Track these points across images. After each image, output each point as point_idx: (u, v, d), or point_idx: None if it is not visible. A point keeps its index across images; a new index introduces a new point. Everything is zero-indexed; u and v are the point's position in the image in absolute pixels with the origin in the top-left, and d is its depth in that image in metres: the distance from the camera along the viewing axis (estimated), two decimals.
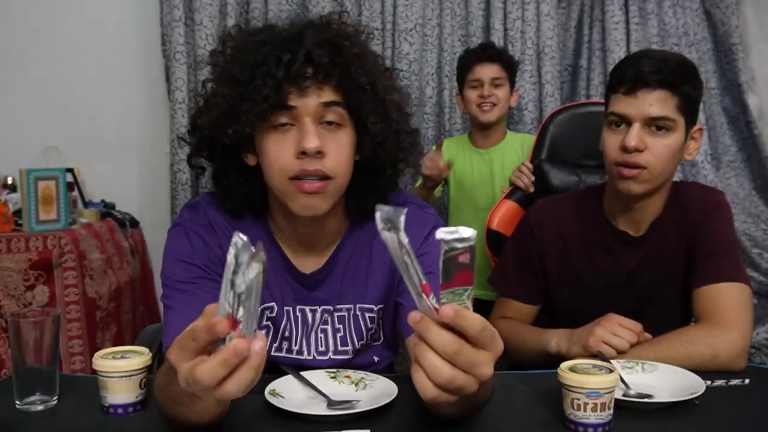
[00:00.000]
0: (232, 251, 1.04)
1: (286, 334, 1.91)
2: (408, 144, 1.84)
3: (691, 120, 2.14)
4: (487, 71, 3.62)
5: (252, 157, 1.80)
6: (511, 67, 3.69)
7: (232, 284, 1.05)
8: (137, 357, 1.63)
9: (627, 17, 3.81)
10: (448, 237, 1.04)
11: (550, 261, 2.38)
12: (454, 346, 1.09)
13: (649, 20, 3.83)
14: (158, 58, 4.08)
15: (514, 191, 3.06)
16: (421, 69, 4.05)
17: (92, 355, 1.67)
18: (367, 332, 1.94)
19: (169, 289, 1.79)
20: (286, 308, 1.90)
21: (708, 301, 2.06)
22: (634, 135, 2.09)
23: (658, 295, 2.28)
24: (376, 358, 1.98)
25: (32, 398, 1.66)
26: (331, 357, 1.91)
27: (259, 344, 1.09)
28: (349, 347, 1.93)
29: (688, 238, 2.21)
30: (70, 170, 3.62)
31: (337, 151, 1.70)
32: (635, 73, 2.10)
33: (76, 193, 3.66)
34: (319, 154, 1.67)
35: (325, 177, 1.69)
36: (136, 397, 1.63)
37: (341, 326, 1.93)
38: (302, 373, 1.77)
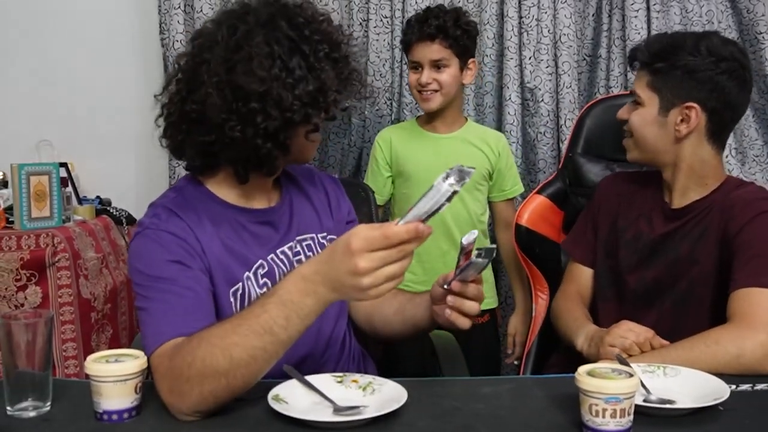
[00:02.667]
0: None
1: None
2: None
3: (668, 96, 2.28)
4: (425, 52, 3.11)
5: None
6: (457, 40, 3.12)
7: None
8: (132, 360, 1.58)
9: (648, 4, 3.71)
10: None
11: (602, 220, 2.53)
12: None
13: (671, 8, 3.72)
14: (156, 48, 3.97)
15: (547, 186, 2.97)
16: None
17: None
18: None
19: (149, 289, 1.80)
20: (269, 258, 2.01)
21: (741, 304, 2.03)
22: (624, 108, 2.40)
23: (682, 274, 2.29)
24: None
25: (24, 404, 1.62)
26: None
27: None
28: None
29: (725, 232, 2.20)
30: (64, 165, 3.57)
31: None
32: (633, 49, 2.41)
33: (70, 189, 3.59)
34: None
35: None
36: (132, 403, 1.58)
37: (311, 254, 2.07)
38: (307, 377, 1.73)
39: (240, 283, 1.93)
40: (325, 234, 2.14)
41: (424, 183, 2.99)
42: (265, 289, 1.93)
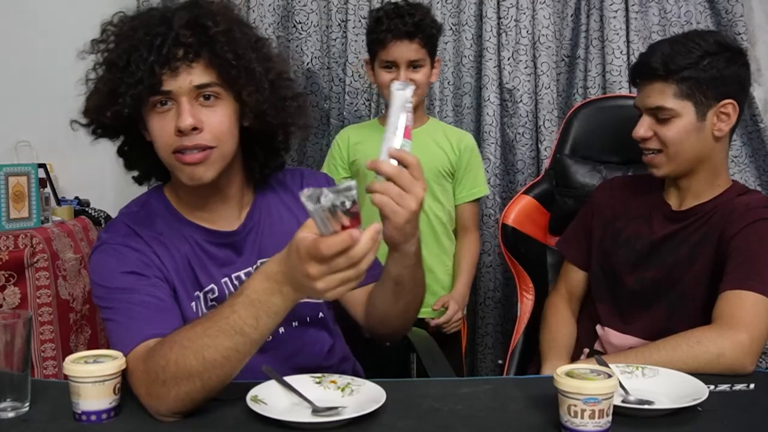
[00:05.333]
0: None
1: None
2: (293, 108, 1.96)
3: (702, 100, 2.22)
4: (405, 52, 3.02)
5: (148, 134, 1.87)
6: (431, 39, 3.10)
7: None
8: (111, 361, 1.58)
9: (626, 5, 3.72)
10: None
11: (597, 221, 2.54)
12: (394, 169, 1.65)
13: (650, 8, 3.73)
14: None
15: (534, 186, 2.95)
16: None
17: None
18: None
19: (111, 301, 1.81)
20: (223, 281, 1.96)
21: (725, 305, 2.04)
22: (642, 125, 2.28)
23: (680, 276, 2.29)
24: (321, 314, 2.08)
25: (2, 405, 1.61)
26: None
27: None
28: None
29: (722, 236, 2.21)
30: (43, 166, 3.56)
31: (214, 124, 1.81)
32: (638, 65, 2.33)
33: (48, 189, 3.58)
34: (195, 130, 1.77)
35: (206, 148, 1.80)
36: (110, 404, 1.58)
37: None
38: (286, 377, 1.72)
39: (193, 302, 1.91)
40: None
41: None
42: None
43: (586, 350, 2.37)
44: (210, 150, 1.81)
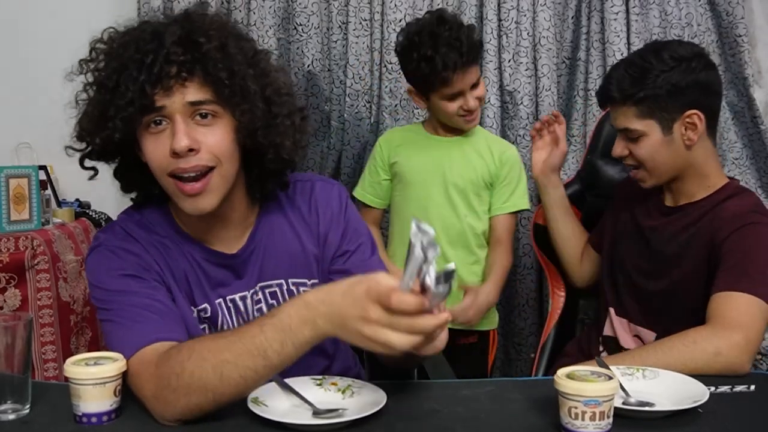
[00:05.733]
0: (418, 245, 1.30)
1: (225, 328, 1.90)
2: (284, 127, 1.84)
3: (665, 116, 2.29)
4: (468, 79, 2.86)
5: (143, 154, 1.80)
6: (480, 55, 3.13)
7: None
8: (111, 363, 1.58)
9: (627, 7, 3.71)
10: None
11: (614, 212, 2.65)
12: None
13: (651, 10, 3.73)
14: None
15: (566, 187, 2.97)
16: None
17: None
18: None
19: (110, 303, 1.79)
20: (217, 302, 1.90)
21: (719, 306, 2.06)
22: (617, 144, 2.41)
23: (666, 271, 2.34)
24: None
25: (3, 407, 1.61)
26: None
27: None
28: None
29: (714, 237, 2.23)
30: (43, 168, 3.56)
31: (212, 143, 1.73)
32: (603, 91, 2.41)
33: (49, 191, 3.58)
34: (192, 151, 1.70)
35: (205, 169, 1.73)
36: (111, 406, 1.58)
37: (274, 302, 1.94)
38: (286, 379, 1.72)
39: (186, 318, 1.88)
40: (305, 281, 1.98)
41: (416, 186, 3.03)
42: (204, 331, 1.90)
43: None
44: (209, 173, 1.74)
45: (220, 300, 1.91)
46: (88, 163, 1.91)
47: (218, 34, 1.75)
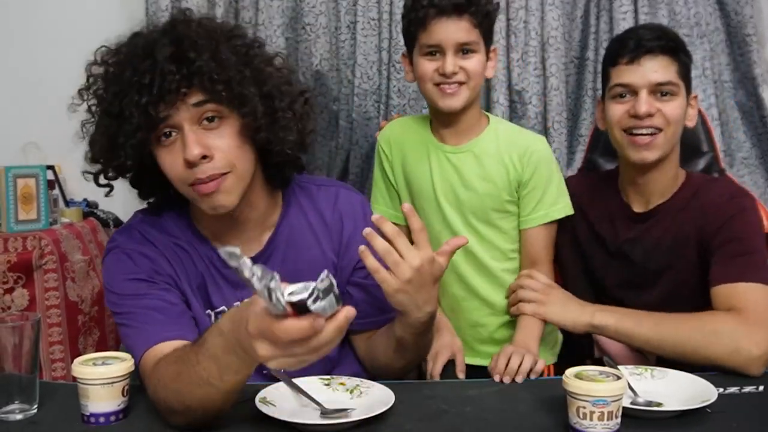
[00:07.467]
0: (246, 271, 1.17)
1: None
2: (288, 119, 1.84)
3: (688, 87, 2.24)
4: (450, 31, 2.23)
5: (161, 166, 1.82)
6: (487, 18, 2.30)
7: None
8: (119, 363, 1.58)
9: (636, 7, 3.71)
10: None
11: (559, 230, 2.41)
12: (395, 232, 1.63)
13: (659, 10, 3.72)
14: None
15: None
16: None
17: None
18: None
19: (122, 306, 1.82)
20: (235, 304, 1.86)
21: (734, 299, 2.01)
22: (644, 101, 2.15)
23: (656, 280, 2.28)
24: None
25: (11, 407, 1.62)
26: None
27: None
28: None
29: (702, 233, 2.18)
30: (51, 167, 3.55)
31: (224, 148, 1.74)
32: (636, 42, 2.18)
33: (57, 191, 3.57)
34: (205, 158, 1.71)
35: (220, 176, 1.74)
36: (118, 405, 1.59)
37: None
38: (295, 379, 1.72)
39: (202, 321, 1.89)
40: None
41: (424, 210, 2.41)
42: None
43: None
44: (225, 175, 1.75)
45: (238, 303, 1.86)
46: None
47: (208, 43, 1.74)
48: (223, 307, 1.90)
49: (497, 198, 2.34)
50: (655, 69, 2.16)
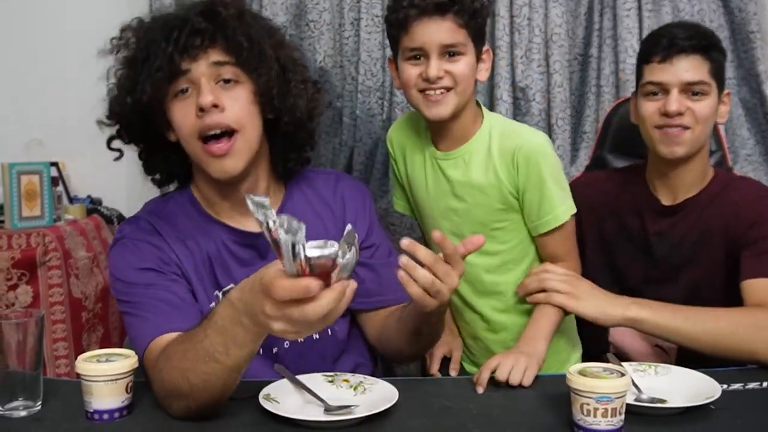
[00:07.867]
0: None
1: None
2: (298, 91, 1.97)
3: (720, 85, 2.25)
4: (432, 33, 2.08)
5: (173, 133, 1.93)
6: (474, 17, 2.13)
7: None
8: (123, 360, 1.59)
9: (639, 4, 3.70)
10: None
11: (588, 221, 2.43)
12: (431, 257, 1.60)
13: (663, 7, 3.70)
14: None
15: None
16: None
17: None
18: None
19: (129, 295, 1.85)
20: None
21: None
22: (675, 99, 2.17)
23: (681, 275, 2.28)
24: (330, 331, 2.02)
25: (15, 404, 1.62)
26: None
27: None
28: None
29: (730, 230, 2.20)
30: (55, 164, 3.55)
31: (234, 105, 1.85)
32: (669, 40, 2.20)
33: (60, 188, 3.57)
34: (216, 107, 1.82)
35: (228, 130, 1.84)
36: (122, 402, 1.59)
37: None
38: (298, 376, 1.73)
39: (212, 302, 1.91)
40: None
41: (428, 210, 2.34)
42: None
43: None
44: (234, 136, 1.84)
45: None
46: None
47: (236, 6, 1.90)
48: (231, 285, 1.91)
49: (488, 208, 2.22)
50: (686, 68, 2.18)
